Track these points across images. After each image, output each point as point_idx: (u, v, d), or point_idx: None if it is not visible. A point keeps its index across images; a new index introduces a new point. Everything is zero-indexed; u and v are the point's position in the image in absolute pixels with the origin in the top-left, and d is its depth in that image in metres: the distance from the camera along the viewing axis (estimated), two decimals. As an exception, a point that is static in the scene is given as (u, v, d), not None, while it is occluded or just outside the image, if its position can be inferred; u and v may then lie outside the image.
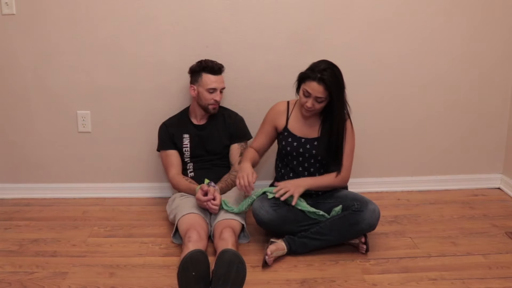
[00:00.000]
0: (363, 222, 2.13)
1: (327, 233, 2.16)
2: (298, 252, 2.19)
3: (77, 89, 2.74)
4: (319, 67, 2.15)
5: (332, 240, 2.19)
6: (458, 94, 2.80)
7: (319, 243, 2.18)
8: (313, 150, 2.29)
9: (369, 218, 2.13)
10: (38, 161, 2.85)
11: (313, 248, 2.20)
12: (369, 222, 2.14)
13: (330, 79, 2.13)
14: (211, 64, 2.46)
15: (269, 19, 2.64)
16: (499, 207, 2.68)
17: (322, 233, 2.17)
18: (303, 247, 2.18)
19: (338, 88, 2.17)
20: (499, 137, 2.88)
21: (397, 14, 2.66)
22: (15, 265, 2.14)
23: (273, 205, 2.20)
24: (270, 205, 2.20)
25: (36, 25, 2.64)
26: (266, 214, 2.18)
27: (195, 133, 2.55)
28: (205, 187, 2.29)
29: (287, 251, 2.17)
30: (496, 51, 2.74)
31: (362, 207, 2.14)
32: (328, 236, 2.17)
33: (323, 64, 2.17)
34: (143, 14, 2.62)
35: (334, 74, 2.15)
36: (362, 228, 2.14)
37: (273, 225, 2.21)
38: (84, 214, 2.65)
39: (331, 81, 2.13)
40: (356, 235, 2.19)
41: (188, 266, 1.87)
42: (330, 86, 2.13)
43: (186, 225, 2.20)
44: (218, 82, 2.47)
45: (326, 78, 2.13)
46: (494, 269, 2.07)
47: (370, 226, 2.16)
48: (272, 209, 2.19)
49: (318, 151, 2.28)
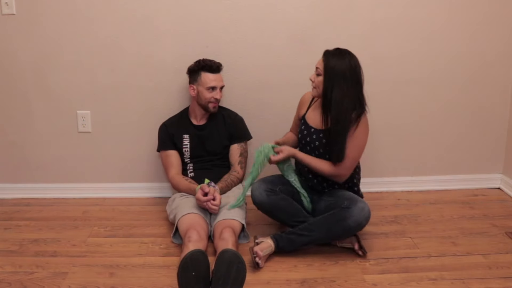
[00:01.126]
0: (350, 219, 2.09)
1: (314, 229, 2.15)
2: (286, 250, 2.17)
3: (77, 89, 2.74)
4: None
5: (320, 238, 2.17)
6: (458, 94, 2.80)
7: (307, 239, 2.16)
8: (317, 141, 2.27)
9: (356, 215, 2.09)
10: (38, 161, 2.85)
11: (300, 245, 2.18)
12: (357, 220, 2.09)
13: (333, 54, 2.13)
14: (209, 63, 2.46)
15: (269, 19, 2.64)
16: (499, 207, 2.68)
17: (309, 229, 2.16)
18: (290, 243, 2.17)
19: (336, 67, 2.09)
20: (499, 137, 2.88)
21: (397, 13, 2.66)
22: (15, 265, 2.15)
23: (267, 190, 2.26)
24: (265, 189, 2.25)
25: (36, 25, 2.64)
26: (259, 196, 2.25)
27: (195, 133, 2.55)
28: (205, 187, 2.29)
29: (275, 248, 2.16)
30: (496, 51, 2.74)
31: (351, 204, 2.12)
32: (316, 233, 2.15)
33: (342, 48, 2.17)
34: (143, 14, 2.62)
35: (341, 55, 2.12)
36: (349, 225, 2.10)
37: (264, 209, 2.29)
38: (84, 214, 2.65)
39: (333, 56, 2.12)
40: (344, 234, 2.15)
41: (188, 266, 1.87)
42: (329, 59, 2.12)
43: (186, 225, 2.20)
44: (218, 81, 2.48)
45: (330, 52, 2.14)
46: (494, 269, 2.07)
47: (357, 224, 2.11)
48: (265, 193, 2.24)
49: (321, 143, 2.26)
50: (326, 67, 2.12)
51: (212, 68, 2.46)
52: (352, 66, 2.11)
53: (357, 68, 2.13)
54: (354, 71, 2.12)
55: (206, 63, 2.46)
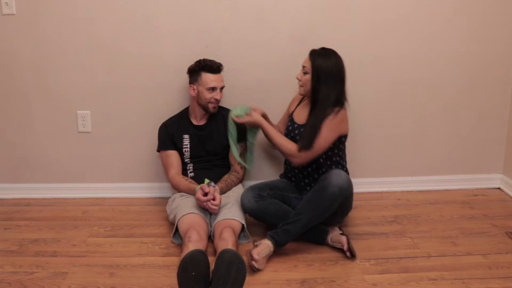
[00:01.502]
0: (331, 185, 2.10)
1: (303, 211, 2.15)
2: (284, 242, 2.16)
3: (77, 89, 2.74)
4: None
5: (311, 217, 2.15)
6: (458, 94, 2.80)
7: (300, 224, 2.15)
8: (299, 136, 2.31)
9: (335, 181, 2.10)
10: (38, 161, 2.85)
11: (296, 232, 2.16)
12: (337, 184, 2.10)
13: (319, 53, 2.25)
14: (210, 63, 2.46)
15: (269, 19, 2.64)
16: (499, 207, 2.68)
17: (299, 213, 2.16)
18: (286, 235, 2.16)
19: (323, 66, 2.21)
20: (499, 137, 2.88)
21: (397, 14, 2.66)
22: (15, 265, 2.15)
23: (255, 196, 2.29)
24: (253, 196, 2.29)
25: (36, 25, 2.64)
26: (248, 203, 2.28)
27: (195, 133, 2.55)
28: (205, 187, 2.29)
29: (274, 245, 2.15)
30: (496, 51, 2.74)
31: (326, 175, 2.15)
32: (306, 214, 2.14)
33: (327, 48, 2.29)
34: (143, 14, 2.63)
35: (327, 54, 2.25)
36: (332, 192, 2.09)
37: (255, 215, 2.32)
38: (84, 214, 2.65)
39: (319, 56, 2.24)
40: (332, 204, 2.12)
41: (188, 266, 1.87)
42: (315, 58, 2.23)
43: (186, 225, 2.20)
44: (218, 81, 2.47)
45: (317, 51, 2.26)
46: (494, 269, 2.07)
47: (339, 189, 2.10)
48: (254, 199, 2.28)
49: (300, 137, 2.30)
50: (313, 65, 2.23)
51: (213, 68, 2.46)
52: (338, 64, 2.24)
53: (342, 67, 2.26)
54: (340, 69, 2.25)
55: (206, 63, 2.46)
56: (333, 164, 2.35)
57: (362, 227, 2.46)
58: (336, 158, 2.36)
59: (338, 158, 2.37)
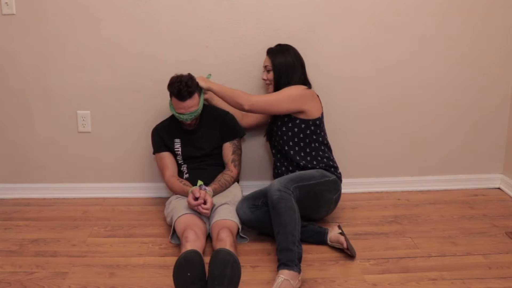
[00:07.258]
0: (269, 197, 2.10)
1: (277, 230, 2.06)
2: (300, 254, 2.03)
3: (77, 89, 2.74)
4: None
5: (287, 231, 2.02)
6: (458, 94, 2.80)
7: (295, 231, 2.04)
8: (275, 128, 2.41)
9: (270, 191, 2.11)
10: (38, 161, 2.85)
11: (301, 237, 2.07)
12: (273, 192, 2.09)
13: (277, 51, 2.42)
14: (177, 90, 2.30)
15: (269, 19, 2.64)
16: (499, 207, 2.68)
17: (276, 233, 2.06)
18: (297, 251, 2.02)
19: (283, 61, 2.37)
20: (499, 137, 2.88)
21: (397, 15, 2.66)
22: (15, 265, 2.15)
23: (251, 206, 2.30)
24: (248, 207, 2.30)
25: (36, 25, 2.64)
26: (244, 215, 2.29)
27: (185, 137, 2.53)
28: (196, 191, 2.28)
29: (298, 270, 1.97)
30: (496, 51, 2.74)
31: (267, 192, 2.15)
32: (281, 229, 2.04)
33: (282, 44, 2.47)
34: (143, 14, 2.62)
35: (284, 50, 2.41)
36: (274, 199, 2.07)
37: (252, 226, 2.33)
38: (84, 214, 2.65)
39: (278, 52, 2.40)
40: (285, 210, 2.05)
41: (183, 266, 1.87)
42: (275, 56, 2.39)
43: (182, 226, 2.20)
44: (186, 108, 2.34)
45: (274, 49, 2.43)
46: (494, 269, 2.07)
47: (278, 191, 2.09)
48: (249, 210, 2.29)
49: (278, 128, 2.39)
50: (273, 63, 2.39)
51: (182, 96, 2.31)
52: (296, 55, 2.41)
53: (300, 56, 2.43)
54: (298, 59, 2.41)
55: (176, 89, 2.30)
56: (308, 156, 2.35)
57: (362, 227, 2.46)
58: (309, 151, 2.36)
59: (314, 152, 2.36)
